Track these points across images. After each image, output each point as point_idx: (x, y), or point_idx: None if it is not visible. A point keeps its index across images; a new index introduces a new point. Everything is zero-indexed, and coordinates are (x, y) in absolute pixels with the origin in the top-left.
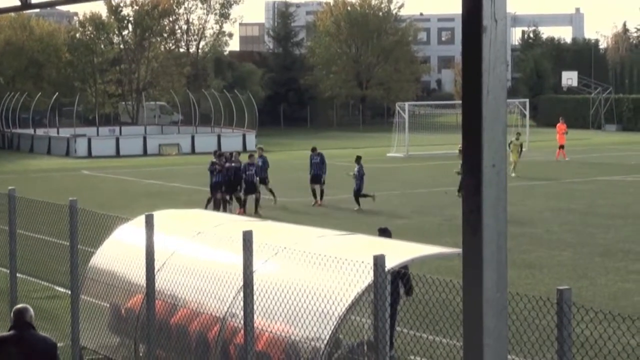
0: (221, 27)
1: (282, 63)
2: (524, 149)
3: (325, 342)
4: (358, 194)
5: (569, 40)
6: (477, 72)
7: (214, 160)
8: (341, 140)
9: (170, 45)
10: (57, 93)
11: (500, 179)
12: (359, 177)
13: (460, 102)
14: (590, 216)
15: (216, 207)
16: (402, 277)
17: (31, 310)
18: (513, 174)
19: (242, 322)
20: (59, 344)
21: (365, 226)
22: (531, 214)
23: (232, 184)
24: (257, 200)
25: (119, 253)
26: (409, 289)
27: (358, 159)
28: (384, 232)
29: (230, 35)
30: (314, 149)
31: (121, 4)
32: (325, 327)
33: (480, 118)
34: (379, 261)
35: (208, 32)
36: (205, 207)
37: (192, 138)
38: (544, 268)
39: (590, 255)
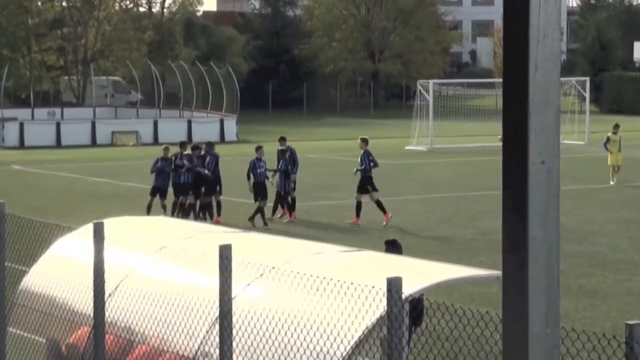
0: None
1: (271, 28)
2: (582, 142)
3: None
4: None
5: None
6: (522, 41)
7: (185, 151)
8: (346, 129)
9: (128, 3)
10: None
11: (551, 179)
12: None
13: (500, 80)
14: None
15: (184, 216)
16: (414, 307)
17: None
18: (613, 182)
19: None
20: None
21: (376, 240)
22: (591, 226)
23: (211, 184)
24: (260, 209)
25: (58, 273)
26: (418, 315)
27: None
28: (392, 246)
29: None
30: (282, 140)
31: None
32: None
33: (526, 101)
34: (394, 285)
35: None
36: (173, 215)
37: (155, 124)
38: (608, 297)
39: None
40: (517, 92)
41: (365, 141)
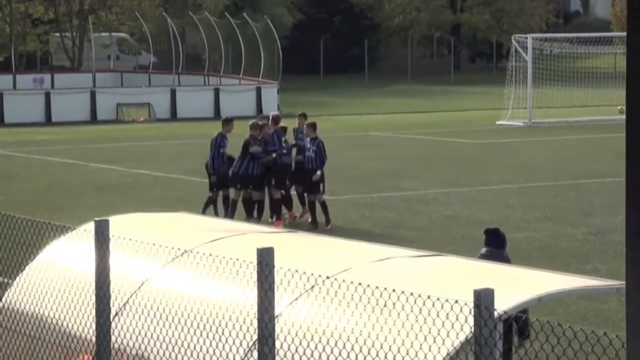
0: None
1: None
2: None
3: None
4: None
5: None
6: None
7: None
8: (420, 99)
9: None
10: None
11: None
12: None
13: (622, 34)
14: None
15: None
16: (516, 320)
17: None
18: None
19: None
20: None
21: (458, 242)
22: None
23: (280, 171)
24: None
25: (50, 285)
26: (524, 330)
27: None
28: (495, 236)
29: None
30: (302, 117)
31: None
32: None
33: None
34: (484, 299)
35: None
36: (206, 211)
37: (172, 94)
38: None
39: None
40: None
41: (311, 125)
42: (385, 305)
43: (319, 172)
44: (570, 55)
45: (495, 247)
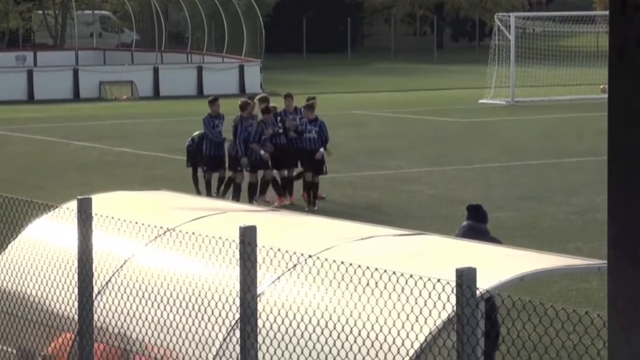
0: None
1: None
2: None
3: None
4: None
5: None
6: None
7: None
8: (403, 77)
9: None
10: None
11: None
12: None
13: (604, 12)
14: None
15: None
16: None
17: None
18: None
19: None
20: None
21: (440, 221)
22: None
23: (288, 154)
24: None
25: (32, 264)
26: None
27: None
28: (476, 212)
29: None
30: (289, 98)
31: None
32: None
33: None
34: (466, 278)
35: None
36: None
37: (155, 72)
38: None
39: None
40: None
41: (310, 106)
42: (367, 285)
43: (322, 150)
44: (553, 34)
45: (476, 221)
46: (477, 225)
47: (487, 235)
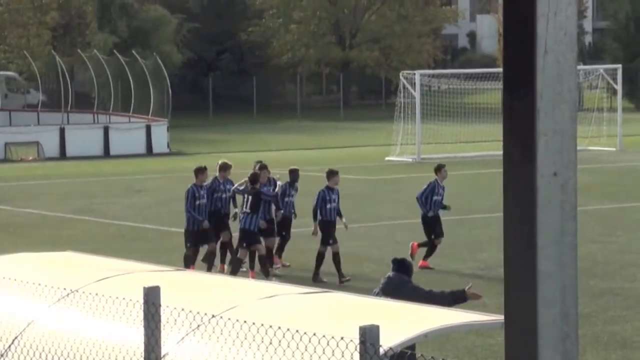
0: None
1: (211, 6)
2: (613, 149)
3: None
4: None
5: None
6: (527, 18)
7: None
8: (310, 135)
9: None
10: None
11: (566, 196)
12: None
13: None
14: None
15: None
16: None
17: None
18: None
19: None
20: None
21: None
22: (627, 256)
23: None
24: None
25: None
26: None
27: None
28: (399, 265)
29: None
30: (262, 168)
31: None
32: None
33: (533, 96)
34: (369, 336)
35: None
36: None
37: (62, 133)
38: None
39: None
40: (522, 85)
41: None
42: (270, 343)
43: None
44: (458, 91)
45: (399, 273)
46: (398, 277)
47: (407, 285)
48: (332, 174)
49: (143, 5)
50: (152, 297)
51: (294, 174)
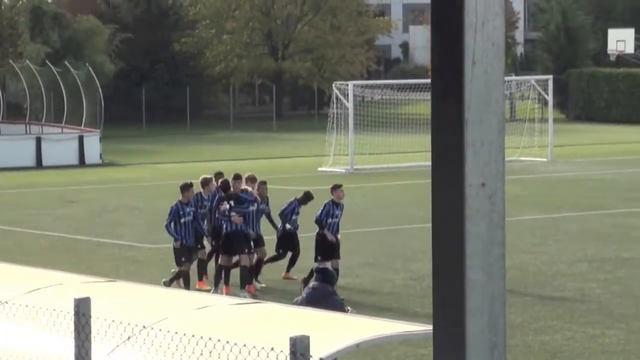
0: None
1: (144, 16)
2: (545, 159)
3: None
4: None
5: None
6: (454, 29)
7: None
8: (242, 146)
9: None
10: None
11: (494, 207)
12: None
13: None
14: None
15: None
16: None
17: None
18: None
19: None
20: None
21: (279, 291)
22: (556, 267)
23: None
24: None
25: None
26: None
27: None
28: (323, 275)
29: None
30: (219, 177)
31: None
32: None
33: (461, 106)
34: (299, 346)
35: None
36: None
37: None
38: (577, 357)
39: None
40: (449, 95)
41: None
42: (201, 354)
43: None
44: (391, 102)
45: (323, 283)
46: (322, 287)
47: (332, 296)
48: (335, 187)
49: (75, 15)
50: (82, 308)
51: (306, 197)
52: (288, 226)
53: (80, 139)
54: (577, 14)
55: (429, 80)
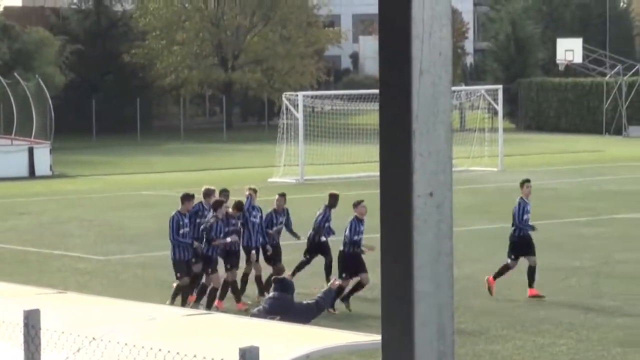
0: None
1: (94, 27)
2: (495, 169)
3: None
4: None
5: None
6: (402, 40)
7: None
8: (193, 157)
9: None
10: None
11: (442, 216)
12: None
13: None
14: (605, 278)
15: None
16: None
17: None
18: None
19: None
20: None
21: (231, 300)
22: (506, 276)
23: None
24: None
25: None
26: None
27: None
28: (281, 284)
29: None
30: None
31: None
32: None
33: (409, 116)
34: (249, 357)
35: None
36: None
37: None
38: None
39: (605, 344)
40: (397, 106)
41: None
42: None
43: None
44: (341, 112)
45: (282, 292)
46: (282, 296)
47: (292, 303)
48: (357, 204)
49: (25, 27)
50: (32, 320)
51: (333, 198)
52: (323, 238)
53: (30, 151)
54: (527, 24)
55: (378, 91)
